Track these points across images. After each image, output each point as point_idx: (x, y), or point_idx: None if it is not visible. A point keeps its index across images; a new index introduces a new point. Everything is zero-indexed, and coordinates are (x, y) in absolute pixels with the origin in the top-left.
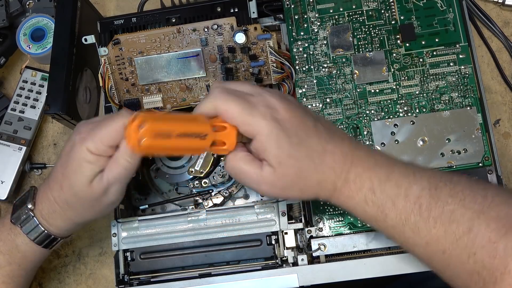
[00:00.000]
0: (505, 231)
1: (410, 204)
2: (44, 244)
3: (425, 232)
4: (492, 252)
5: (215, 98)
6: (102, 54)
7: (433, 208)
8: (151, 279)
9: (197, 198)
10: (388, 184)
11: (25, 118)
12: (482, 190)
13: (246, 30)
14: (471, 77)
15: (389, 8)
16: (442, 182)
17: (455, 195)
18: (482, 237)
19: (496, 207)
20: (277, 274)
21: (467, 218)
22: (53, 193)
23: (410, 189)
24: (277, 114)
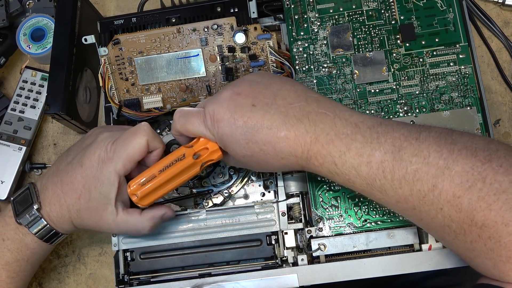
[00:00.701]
0: (469, 185)
1: (374, 170)
2: (52, 240)
3: (392, 193)
4: (457, 207)
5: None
6: (102, 54)
7: (396, 170)
8: (151, 279)
9: (197, 198)
10: (349, 155)
11: (25, 118)
12: (450, 144)
13: (246, 30)
14: (471, 77)
15: (389, 8)
16: (408, 142)
17: (419, 153)
18: (447, 192)
19: (462, 161)
20: (277, 274)
21: (431, 176)
22: (68, 199)
23: (372, 156)
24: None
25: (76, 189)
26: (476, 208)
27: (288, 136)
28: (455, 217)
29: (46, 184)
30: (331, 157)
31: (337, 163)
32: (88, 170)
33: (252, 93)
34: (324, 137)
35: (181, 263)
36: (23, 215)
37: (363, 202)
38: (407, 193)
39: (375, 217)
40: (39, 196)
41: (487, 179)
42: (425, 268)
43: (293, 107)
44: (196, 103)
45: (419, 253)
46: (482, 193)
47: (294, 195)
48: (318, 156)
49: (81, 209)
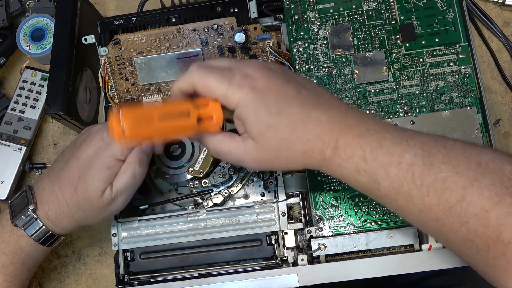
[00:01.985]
0: (498, 200)
1: (403, 172)
2: (48, 243)
3: (418, 201)
4: (484, 221)
5: (191, 74)
6: (102, 54)
7: (426, 176)
8: (151, 279)
9: (197, 198)
10: (380, 152)
11: (25, 118)
12: (476, 156)
13: (246, 30)
14: (471, 77)
15: (389, 8)
16: (436, 148)
17: (449, 161)
18: (475, 205)
19: (490, 174)
20: (277, 274)
21: (460, 186)
22: (65, 194)
23: (403, 157)
24: (256, 83)
25: (73, 181)
26: (505, 224)
27: (320, 118)
28: (481, 232)
29: (43, 185)
30: (362, 150)
31: (367, 159)
32: (85, 161)
33: (284, 72)
34: (356, 129)
35: (181, 263)
36: (19, 216)
37: (363, 202)
38: (434, 202)
39: (375, 217)
40: (35, 198)
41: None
42: (425, 268)
43: (323, 96)
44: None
45: (419, 253)
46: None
47: (294, 195)
48: (348, 148)
49: (79, 201)
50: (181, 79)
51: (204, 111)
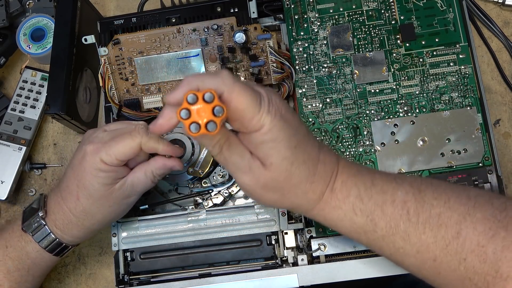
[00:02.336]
0: (492, 234)
1: (399, 210)
2: (55, 252)
3: (415, 239)
4: (482, 256)
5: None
6: (102, 54)
7: (420, 212)
8: (151, 279)
9: (197, 198)
10: (374, 190)
11: (25, 118)
12: (464, 191)
13: (246, 30)
14: (471, 77)
15: (389, 8)
16: (424, 185)
17: (439, 197)
18: (471, 241)
19: (480, 208)
20: (277, 274)
21: (454, 221)
22: (68, 204)
23: (396, 195)
24: (281, 113)
25: (72, 191)
26: (502, 258)
27: (326, 160)
28: (479, 268)
29: (50, 195)
30: (357, 189)
31: (363, 198)
32: (77, 168)
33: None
34: (349, 169)
35: (181, 263)
36: (28, 222)
37: None
38: (431, 240)
39: None
40: (46, 205)
41: (508, 227)
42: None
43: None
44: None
45: None
46: (507, 242)
47: None
48: (344, 187)
49: (85, 208)
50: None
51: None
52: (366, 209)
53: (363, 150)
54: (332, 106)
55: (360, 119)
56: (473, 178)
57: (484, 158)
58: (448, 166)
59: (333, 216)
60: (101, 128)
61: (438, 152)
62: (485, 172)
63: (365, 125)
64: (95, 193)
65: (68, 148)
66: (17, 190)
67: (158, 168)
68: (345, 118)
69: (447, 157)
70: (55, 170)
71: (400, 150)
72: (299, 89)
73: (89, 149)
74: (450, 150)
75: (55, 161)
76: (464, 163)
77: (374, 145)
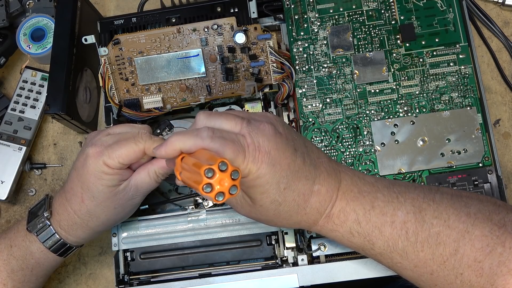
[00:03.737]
0: (489, 250)
1: (397, 231)
2: (60, 252)
3: (413, 256)
4: (478, 271)
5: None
6: (102, 54)
7: (419, 232)
8: (151, 279)
9: (197, 198)
10: (373, 213)
11: (25, 118)
12: (465, 207)
13: (246, 30)
14: (471, 77)
15: (389, 8)
16: (426, 203)
17: (440, 215)
18: (468, 257)
19: (480, 225)
20: (277, 274)
21: (452, 239)
22: (73, 206)
23: (396, 215)
24: (268, 158)
25: (76, 193)
26: (497, 273)
27: (320, 190)
28: (475, 282)
29: (55, 196)
30: (355, 214)
31: (361, 222)
32: (81, 170)
33: (290, 136)
34: (349, 193)
35: (181, 263)
36: (33, 222)
37: None
38: (428, 257)
39: None
40: (52, 206)
41: (506, 243)
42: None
43: (321, 162)
44: (196, 103)
45: None
46: (503, 257)
47: None
48: (342, 213)
49: (89, 210)
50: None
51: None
52: (364, 232)
53: (363, 150)
54: (332, 106)
55: (360, 119)
56: (473, 178)
57: (484, 158)
58: (448, 166)
59: (331, 236)
60: (104, 130)
61: (438, 152)
62: (485, 172)
63: (365, 125)
64: (99, 195)
65: (68, 148)
66: (17, 190)
67: (161, 168)
68: (345, 118)
69: (447, 157)
70: (55, 170)
71: (400, 150)
72: (299, 89)
73: (92, 152)
74: (450, 150)
75: (55, 161)
76: (464, 163)
77: (374, 145)
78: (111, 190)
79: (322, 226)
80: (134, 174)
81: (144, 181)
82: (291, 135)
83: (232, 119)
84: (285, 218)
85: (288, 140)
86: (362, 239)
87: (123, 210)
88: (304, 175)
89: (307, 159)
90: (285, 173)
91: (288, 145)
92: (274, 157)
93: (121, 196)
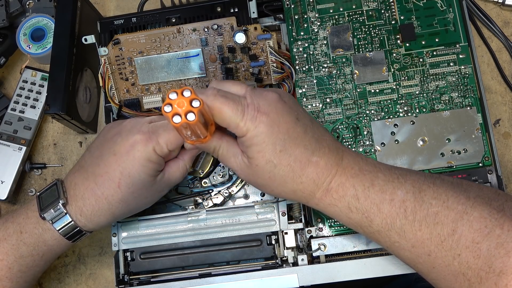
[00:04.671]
0: (488, 231)
1: (396, 209)
2: (74, 239)
3: (410, 235)
4: (476, 253)
5: (207, 98)
6: (102, 54)
7: (418, 211)
8: (151, 279)
9: (197, 198)
10: (373, 190)
11: (25, 118)
12: (465, 191)
13: (246, 30)
14: (471, 77)
15: (389, 8)
16: (426, 185)
17: (439, 196)
18: (466, 238)
19: (478, 207)
20: (277, 274)
21: (451, 220)
22: (105, 191)
23: (395, 194)
24: (267, 118)
25: (114, 178)
26: (495, 254)
27: (319, 162)
28: (473, 263)
29: (75, 180)
30: (354, 190)
31: (359, 197)
32: (124, 156)
33: (295, 107)
34: (350, 170)
35: (181, 263)
36: (48, 209)
37: None
38: (426, 237)
39: None
40: (66, 192)
41: (504, 225)
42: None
43: (324, 139)
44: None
45: None
46: (501, 239)
47: None
48: (340, 188)
49: (124, 196)
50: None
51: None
52: (362, 208)
53: (363, 150)
54: (332, 106)
55: (360, 119)
56: (473, 178)
57: (484, 158)
58: (448, 166)
59: (329, 211)
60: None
61: (438, 152)
62: (485, 172)
63: (365, 125)
64: (139, 183)
65: (68, 148)
66: (17, 190)
67: (190, 159)
68: (345, 118)
69: (447, 157)
70: (55, 170)
71: (400, 150)
72: (299, 89)
73: (141, 138)
74: (450, 150)
75: (55, 161)
76: (464, 163)
77: (374, 145)
78: (150, 179)
79: (320, 200)
80: (166, 167)
81: (175, 174)
82: (296, 107)
83: (239, 84)
84: (280, 184)
85: (291, 109)
86: (360, 215)
87: (151, 201)
88: (303, 143)
89: (310, 132)
90: (283, 136)
91: (290, 113)
92: (273, 119)
93: (156, 187)
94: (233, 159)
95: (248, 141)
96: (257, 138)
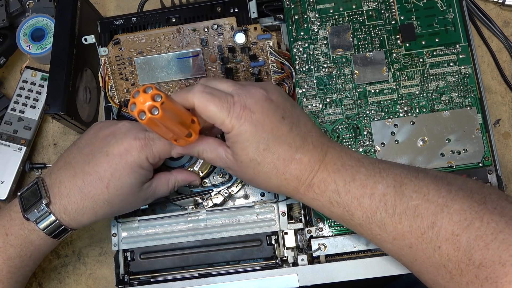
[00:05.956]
0: (467, 224)
1: (376, 202)
2: (60, 236)
3: (391, 228)
4: (456, 245)
5: (194, 96)
6: (102, 54)
7: (398, 204)
8: (151, 279)
9: (197, 198)
10: (353, 185)
11: (25, 118)
12: (447, 185)
13: (246, 30)
14: (471, 77)
15: (389, 8)
16: (407, 179)
17: (420, 190)
18: (446, 230)
19: (459, 200)
20: (277, 274)
21: (431, 212)
22: (92, 190)
23: (376, 188)
24: (253, 117)
25: (103, 178)
26: (474, 246)
27: (302, 160)
28: (453, 255)
29: (60, 178)
30: (335, 185)
31: (340, 192)
32: (117, 159)
33: (283, 105)
34: (332, 166)
35: (181, 263)
36: (31, 210)
37: None
38: (406, 229)
39: None
40: (49, 191)
41: (484, 218)
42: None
43: (310, 135)
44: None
45: None
46: (480, 232)
47: None
48: (322, 183)
49: (111, 198)
50: (182, 95)
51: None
52: (343, 202)
53: (363, 150)
54: (332, 106)
55: (360, 119)
56: (473, 178)
57: (484, 158)
58: (448, 166)
59: (312, 204)
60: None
61: (438, 152)
62: (485, 172)
63: (365, 125)
64: (127, 187)
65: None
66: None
67: (182, 180)
68: (345, 118)
69: (447, 157)
70: None
71: (400, 150)
72: (299, 89)
73: (137, 144)
74: (450, 150)
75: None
76: (464, 163)
77: (374, 145)
78: (138, 186)
79: (303, 194)
80: (155, 178)
81: (162, 187)
82: (283, 104)
83: (226, 82)
84: (265, 180)
85: (277, 108)
86: (341, 209)
87: (134, 207)
88: (287, 142)
89: (295, 130)
90: (267, 135)
91: (276, 111)
92: (258, 118)
93: (142, 194)
94: (219, 159)
95: (233, 137)
96: (242, 136)
